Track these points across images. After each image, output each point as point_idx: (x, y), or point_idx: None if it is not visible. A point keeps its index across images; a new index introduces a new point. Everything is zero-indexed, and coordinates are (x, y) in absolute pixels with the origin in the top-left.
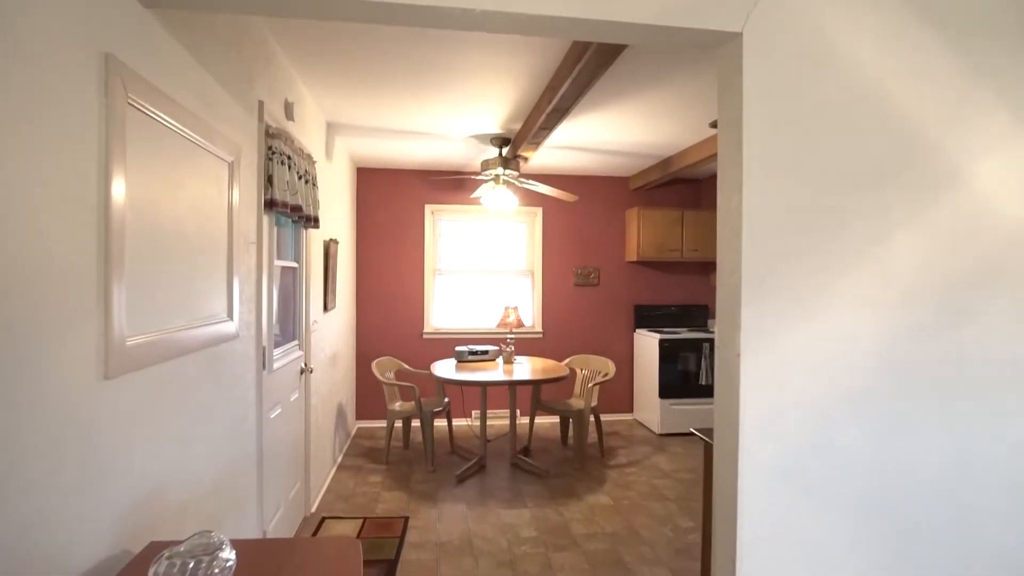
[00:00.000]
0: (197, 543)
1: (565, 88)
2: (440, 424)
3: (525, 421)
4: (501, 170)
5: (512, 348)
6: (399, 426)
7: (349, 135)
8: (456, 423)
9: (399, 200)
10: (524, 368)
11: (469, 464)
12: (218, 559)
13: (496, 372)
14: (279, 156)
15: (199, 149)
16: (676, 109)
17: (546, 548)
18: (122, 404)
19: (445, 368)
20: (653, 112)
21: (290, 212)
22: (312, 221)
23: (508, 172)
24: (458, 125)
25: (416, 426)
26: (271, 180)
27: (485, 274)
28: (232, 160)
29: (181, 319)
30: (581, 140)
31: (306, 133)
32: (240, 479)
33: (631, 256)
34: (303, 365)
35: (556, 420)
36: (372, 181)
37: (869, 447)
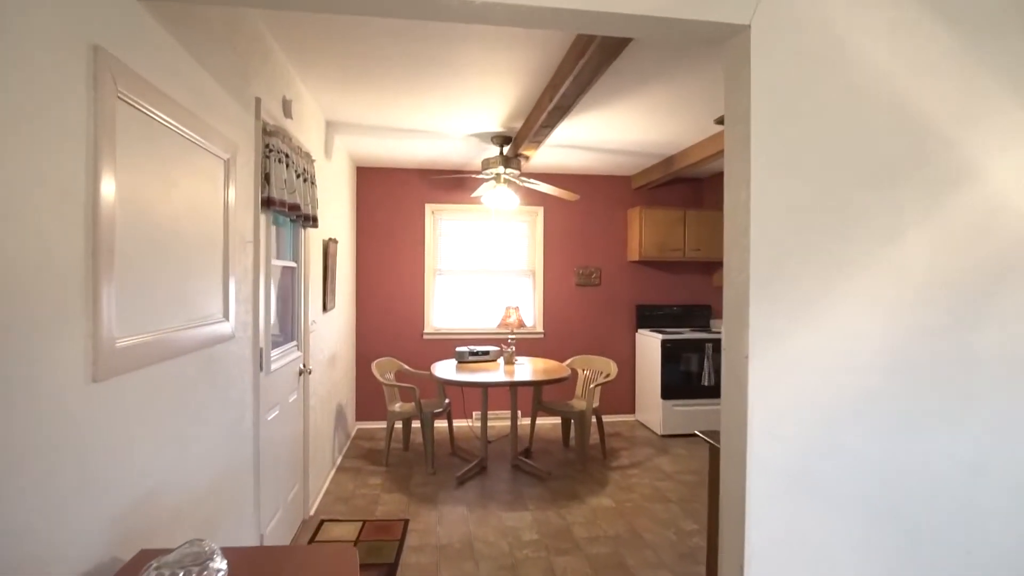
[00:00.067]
0: (187, 552)
1: (567, 85)
2: (440, 425)
3: (526, 422)
4: (502, 169)
5: (513, 349)
6: (399, 427)
7: (348, 133)
8: (457, 424)
9: (399, 199)
10: (525, 369)
11: (470, 466)
12: (208, 569)
13: (497, 373)
14: (277, 154)
15: (194, 146)
16: (679, 107)
17: (548, 552)
18: (112, 407)
19: (445, 369)
20: (655, 110)
21: (288, 211)
22: (311, 220)
23: (509, 171)
24: (458, 123)
25: (416, 427)
26: (268, 178)
27: (486, 274)
28: (228, 158)
29: (175, 320)
30: (583, 139)
31: (304, 131)
32: (237, 482)
33: (633, 256)
34: (302, 366)
35: (557, 421)
36: (372, 180)
37: (879, 450)
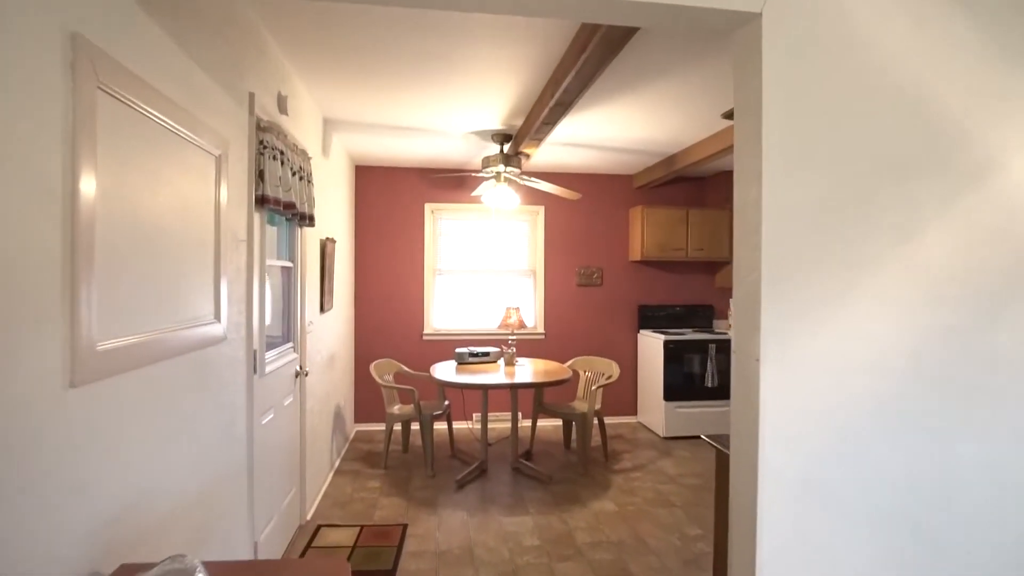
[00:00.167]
0: (168, 569)
1: (569, 80)
2: (440, 427)
3: (527, 424)
4: (502, 167)
5: (514, 350)
6: (398, 429)
7: (347, 131)
8: (456, 426)
9: (399, 199)
10: (526, 370)
11: (470, 469)
12: None
13: (497, 374)
14: (271, 151)
15: (183, 141)
16: (682, 103)
17: (549, 558)
18: (91, 414)
19: (445, 370)
20: (658, 106)
21: (283, 209)
22: (307, 219)
23: (510, 169)
24: (458, 121)
25: (416, 429)
26: (262, 176)
27: (486, 274)
28: (220, 154)
29: (162, 322)
30: (584, 136)
31: (301, 128)
32: (229, 489)
33: (635, 255)
34: (298, 368)
35: (558, 423)
36: (371, 179)
37: (897, 457)
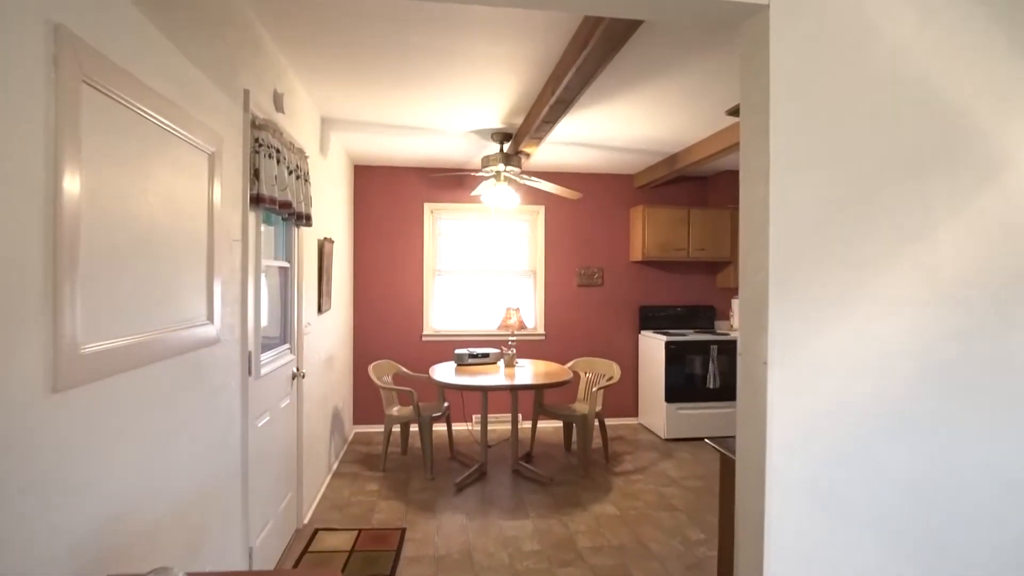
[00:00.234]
0: None
1: (569, 77)
2: (440, 429)
3: (527, 426)
4: (502, 167)
5: (514, 351)
6: (397, 431)
7: (345, 130)
8: (456, 428)
9: (398, 198)
10: (526, 372)
11: (469, 471)
12: None
13: (497, 376)
14: (267, 149)
15: (174, 138)
16: (684, 101)
17: (550, 563)
18: (76, 420)
19: (444, 372)
20: (660, 104)
21: (279, 209)
22: (304, 219)
23: (509, 169)
24: (458, 119)
25: (415, 431)
26: (258, 174)
27: (486, 274)
28: (213, 151)
29: (152, 324)
30: (585, 135)
31: (298, 126)
32: (222, 494)
33: (636, 256)
34: (295, 369)
35: (559, 425)
36: (370, 179)
37: (907, 462)
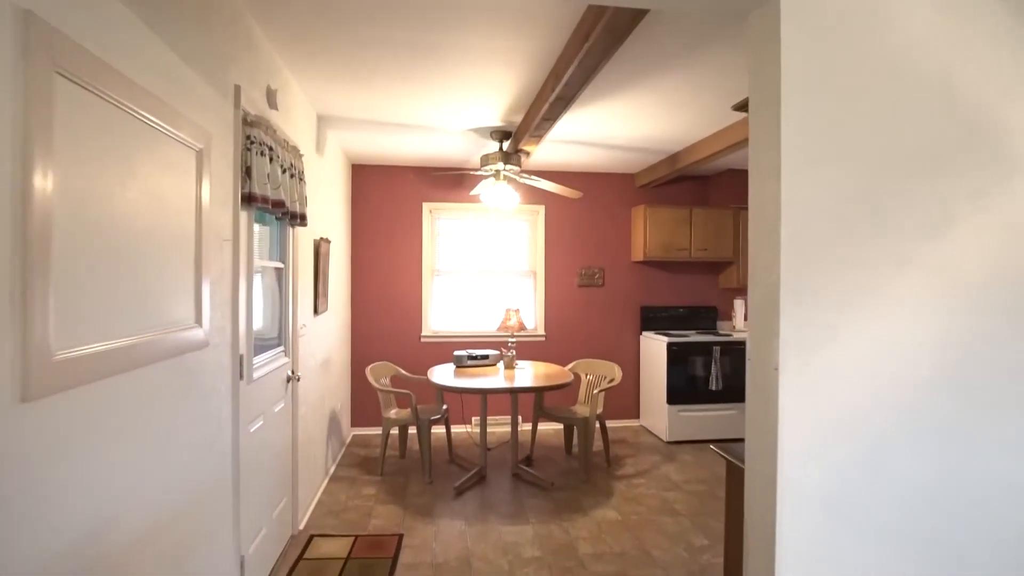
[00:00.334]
0: None
1: (570, 73)
2: (439, 431)
3: (527, 428)
4: (502, 165)
5: (513, 352)
6: (395, 434)
7: (342, 128)
8: (455, 430)
9: (396, 198)
10: (526, 374)
11: (468, 475)
12: None
13: (497, 378)
14: (259, 146)
15: (159, 134)
16: (687, 97)
17: (550, 571)
18: (48, 431)
19: (443, 374)
20: (662, 101)
21: (271, 208)
22: (298, 218)
23: (509, 167)
24: (456, 117)
25: (413, 434)
26: (249, 172)
27: (485, 275)
28: (201, 148)
29: (134, 328)
30: (585, 134)
31: (292, 124)
32: (212, 502)
33: (637, 256)
34: (290, 373)
35: (559, 427)
36: (367, 178)
37: (928, 474)
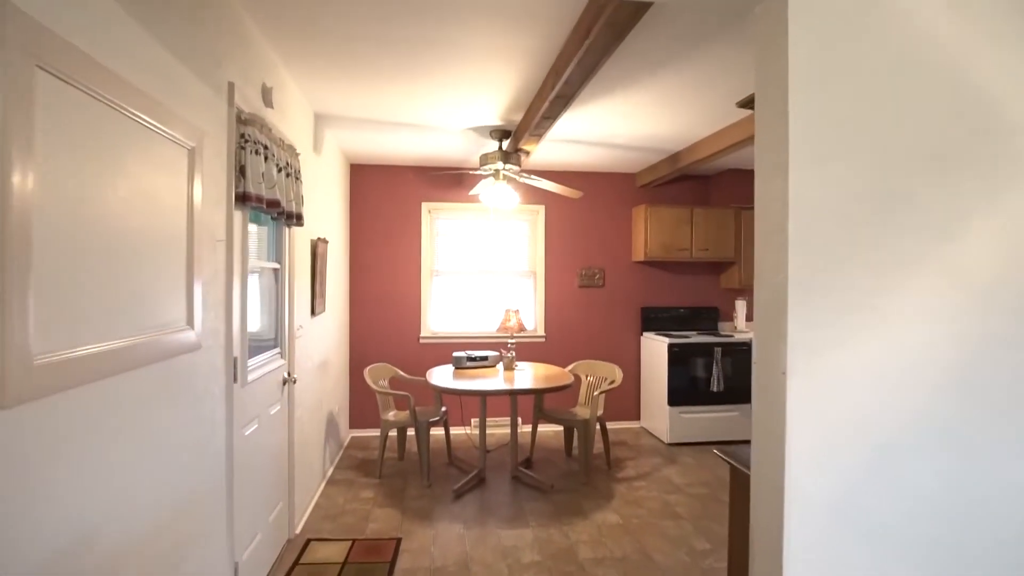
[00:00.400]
0: None
1: (570, 70)
2: (438, 434)
3: (527, 430)
4: (501, 165)
5: (513, 354)
6: (394, 436)
7: (339, 127)
8: (454, 432)
9: (394, 198)
10: (526, 375)
11: (467, 478)
12: None
13: (496, 380)
14: (253, 145)
15: (149, 131)
16: (688, 95)
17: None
18: (28, 438)
19: (442, 376)
20: (663, 99)
21: (266, 207)
22: (294, 218)
23: (509, 167)
24: (455, 116)
25: (412, 436)
26: (244, 171)
27: (485, 275)
28: (193, 146)
29: (122, 330)
30: (585, 133)
31: (288, 122)
32: (204, 509)
33: (638, 256)
34: (286, 375)
35: (560, 429)
36: (366, 178)
37: (940, 481)
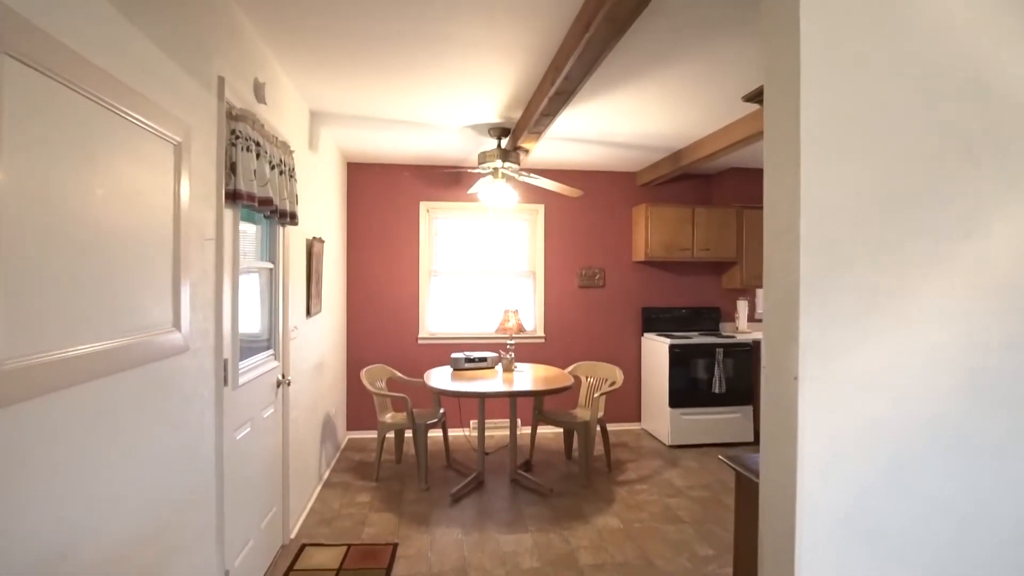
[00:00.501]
0: None
1: (570, 65)
2: (436, 435)
3: (526, 432)
4: (500, 163)
5: (512, 355)
6: (391, 438)
7: (336, 125)
8: (452, 433)
9: (392, 197)
10: (525, 377)
11: (466, 481)
12: None
13: (495, 381)
14: (245, 141)
15: (130, 125)
16: (690, 91)
17: None
18: None
19: (440, 377)
20: (664, 95)
21: (258, 206)
22: (288, 217)
23: (508, 165)
24: (454, 113)
25: (410, 438)
26: (234, 168)
27: (483, 275)
28: (180, 142)
29: (101, 333)
30: (585, 130)
31: (282, 118)
32: (193, 515)
33: (639, 256)
34: (280, 376)
35: (559, 431)
36: (364, 177)
37: (960, 491)
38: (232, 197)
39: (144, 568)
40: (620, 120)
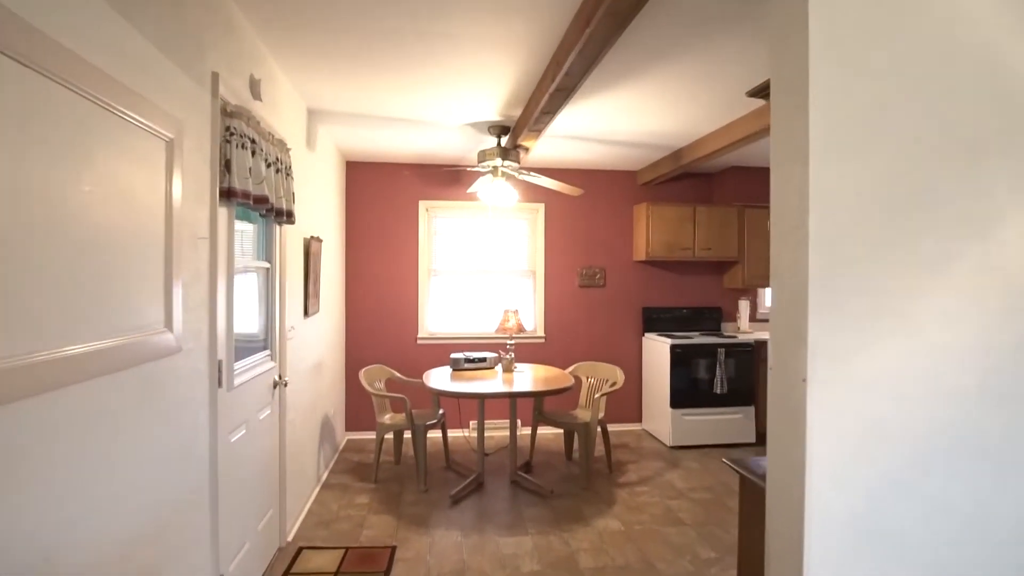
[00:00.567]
0: None
1: (571, 61)
2: (435, 436)
3: (526, 432)
4: (499, 161)
5: (512, 355)
6: (390, 439)
7: (334, 123)
8: (452, 434)
9: (391, 196)
10: (525, 377)
11: (465, 482)
12: None
13: (495, 382)
14: (240, 138)
15: (119, 120)
16: (692, 89)
17: None
18: None
19: (439, 378)
20: (666, 92)
21: (254, 204)
22: (285, 215)
23: (507, 163)
24: (453, 111)
25: (409, 439)
26: (229, 166)
27: (483, 275)
28: (172, 138)
29: (88, 334)
30: (586, 128)
31: (278, 116)
32: (186, 520)
33: (639, 255)
34: (276, 377)
35: (560, 432)
36: (362, 175)
37: (972, 496)
38: (227, 195)
39: (136, 572)
40: (621, 118)
